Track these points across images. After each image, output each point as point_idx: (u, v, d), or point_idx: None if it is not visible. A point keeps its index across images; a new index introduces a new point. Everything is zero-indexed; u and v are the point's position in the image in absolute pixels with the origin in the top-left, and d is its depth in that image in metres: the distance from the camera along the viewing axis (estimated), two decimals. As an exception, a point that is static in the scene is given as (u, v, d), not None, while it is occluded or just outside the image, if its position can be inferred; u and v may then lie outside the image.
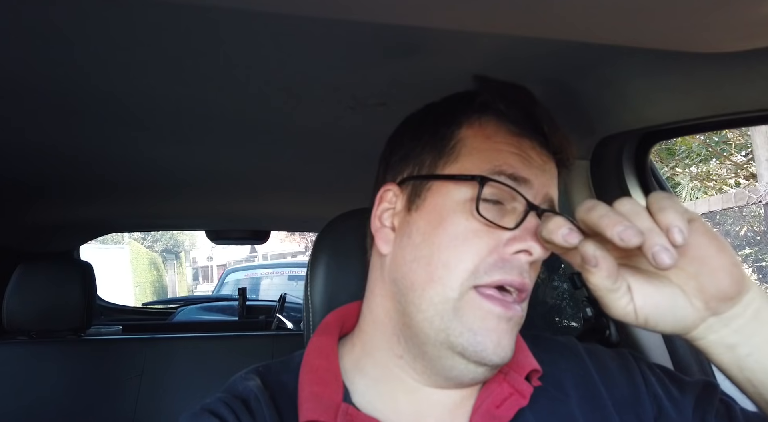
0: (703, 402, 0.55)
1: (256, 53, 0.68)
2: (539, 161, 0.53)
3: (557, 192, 0.55)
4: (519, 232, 0.49)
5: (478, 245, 0.49)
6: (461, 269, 0.49)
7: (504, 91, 0.55)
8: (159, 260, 15.81)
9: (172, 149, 1.16)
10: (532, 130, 0.53)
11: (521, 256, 0.49)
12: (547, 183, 0.53)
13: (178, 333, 2.05)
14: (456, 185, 0.51)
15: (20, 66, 0.71)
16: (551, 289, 1.95)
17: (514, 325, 0.50)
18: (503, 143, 0.52)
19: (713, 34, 0.53)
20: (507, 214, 0.51)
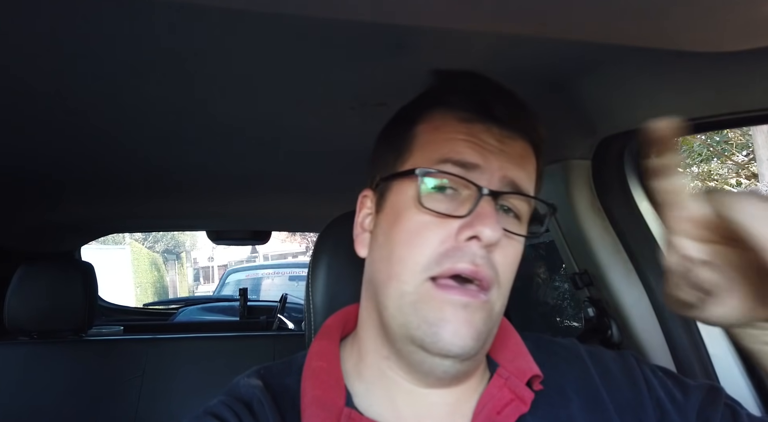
0: (707, 406, 0.54)
1: (257, 54, 0.68)
2: (495, 143, 0.51)
3: (529, 173, 0.53)
4: (469, 218, 0.48)
5: (429, 237, 0.49)
6: (413, 263, 0.49)
7: (455, 81, 0.54)
8: (160, 260, 15.82)
9: (174, 149, 1.16)
10: (484, 114, 0.52)
11: (472, 243, 0.47)
12: (507, 165, 0.51)
13: (179, 333, 2.05)
14: (408, 181, 0.51)
15: (22, 68, 0.71)
16: (552, 289, 1.94)
17: (474, 313, 0.47)
18: (452, 132, 0.52)
19: (715, 33, 0.53)
20: (463, 202, 0.50)
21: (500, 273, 0.49)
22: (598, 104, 0.80)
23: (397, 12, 0.50)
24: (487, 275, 0.47)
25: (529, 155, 0.53)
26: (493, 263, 0.48)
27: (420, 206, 0.49)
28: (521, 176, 0.51)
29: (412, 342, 0.49)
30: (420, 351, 0.49)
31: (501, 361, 0.56)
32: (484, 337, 0.49)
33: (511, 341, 0.58)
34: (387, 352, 0.53)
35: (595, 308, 0.95)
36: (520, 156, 0.52)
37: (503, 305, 0.51)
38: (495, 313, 0.50)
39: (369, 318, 0.55)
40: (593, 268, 0.93)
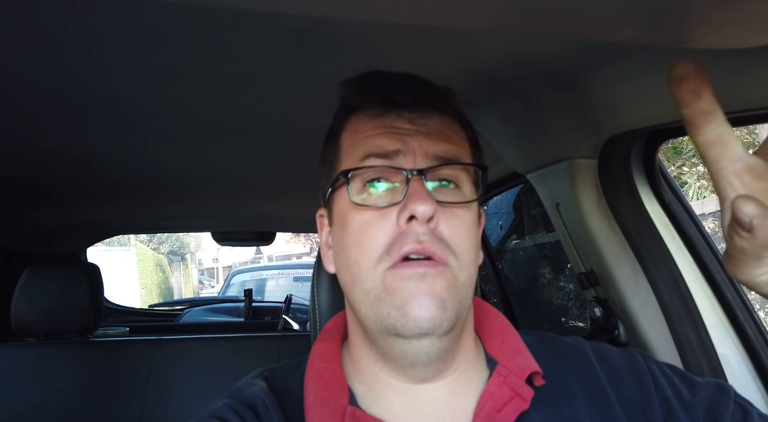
0: (716, 405, 0.54)
1: (262, 55, 0.68)
2: (410, 126, 0.52)
3: (455, 142, 0.53)
4: (404, 200, 0.49)
5: (373, 232, 0.50)
6: (367, 260, 0.50)
7: (360, 84, 0.55)
8: (165, 261, 15.88)
9: (179, 151, 1.16)
10: (392, 104, 0.53)
11: (413, 223, 0.49)
12: (427, 142, 0.52)
13: (184, 334, 2.06)
14: (342, 187, 0.54)
15: (27, 70, 0.71)
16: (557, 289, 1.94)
17: (433, 281, 0.48)
18: (368, 130, 0.53)
19: (723, 30, 0.52)
20: (397, 189, 0.51)
21: (453, 244, 0.49)
22: (603, 103, 0.80)
23: (403, 11, 0.50)
24: (435, 249, 0.48)
25: (450, 127, 0.54)
26: (440, 237, 0.49)
27: (356, 206, 0.51)
28: (446, 148, 0.52)
29: (388, 332, 0.50)
30: (398, 340, 0.50)
31: (500, 359, 0.56)
32: (453, 308, 0.49)
33: (510, 339, 0.58)
34: (375, 355, 0.54)
35: (601, 308, 0.95)
36: (439, 131, 0.53)
37: (469, 277, 0.51)
38: (460, 283, 0.50)
39: (353, 325, 0.57)
40: (600, 268, 0.93)
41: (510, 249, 2.00)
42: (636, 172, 0.90)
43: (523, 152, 1.00)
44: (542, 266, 1.92)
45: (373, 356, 0.54)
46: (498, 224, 1.93)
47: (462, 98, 0.90)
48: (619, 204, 0.90)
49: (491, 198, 1.73)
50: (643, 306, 0.89)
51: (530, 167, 1.00)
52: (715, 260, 0.90)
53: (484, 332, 0.59)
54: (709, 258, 0.90)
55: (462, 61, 0.73)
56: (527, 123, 0.91)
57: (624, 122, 0.81)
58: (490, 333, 0.59)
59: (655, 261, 0.89)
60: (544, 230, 1.78)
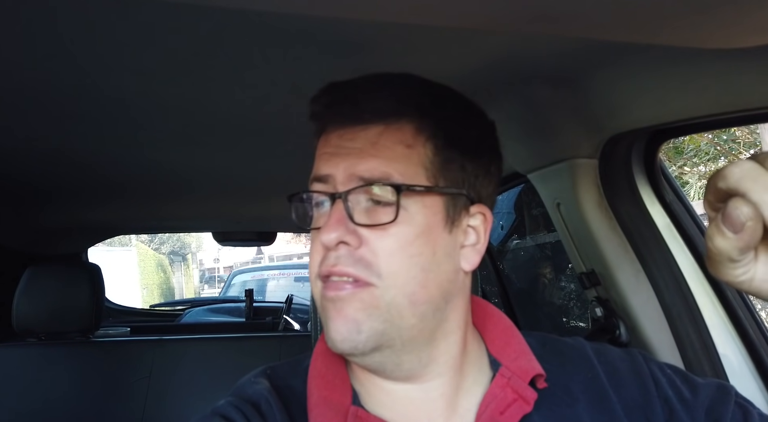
0: (717, 406, 0.54)
1: (263, 55, 0.68)
2: (345, 144, 0.51)
3: (385, 156, 0.50)
4: (326, 224, 0.50)
5: (313, 252, 0.52)
6: (312, 275, 0.52)
7: (314, 101, 0.54)
8: (166, 262, 15.89)
9: (180, 151, 1.17)
10: (333, 119, 0.52)
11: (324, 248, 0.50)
12: (353, 161, 0.50)
13: (186, 334, 2.06)
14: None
15: (28, 71, 0.71)
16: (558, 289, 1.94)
17: (345, 305, 0.48)
18: (319, 148, 0.53)
19: (724, 29, 0.52)
20: (327, 212, 0.51)
21: (377, 265, 0.48)
22: (604, 103, 0.79)
23: (404, 11, 0.50)
24: (347, 271, 0.48)
25: (386, 136, 0.51)
26: (360, 259, 0.48)
27: (312, 226, 0.53)
28: (372, 165, 0.50)
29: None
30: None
31: (503, 361, 0.55)
32: (372, 329, 0.48)
33: (513, 340, 0.57)
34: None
35: (603, 308, 0.95)
36: (371, 143, 0.50)
37: (405, 295, 0.49)
38: (386, 303, 0.48)
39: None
40: (601, 268, 0.93)
41: (511, 249, 2.00)
42: (637, 172, 0.90)
43: (523, 152, 0.99)
44: (543, 266, 1.92)
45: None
46: (499, 224, 1.93)
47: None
48: (620, 204, 0.90)
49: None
50: (644, 306, 0.89)
51: (531, 166, 1.00)
52: (717, 260, 0.89)
53: (487, 333, 0.59)
54: (711, 258, 0.89)
55: (462, 61, 0.73)
56: (528, 123, 0.91)
57: (625, 121, 0.81)
58: (494, 334, 0.58)
59: (656, 261, 0.89)
60: (545, 230, 1.78)
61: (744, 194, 0.35)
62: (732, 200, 0.36)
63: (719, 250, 0.37)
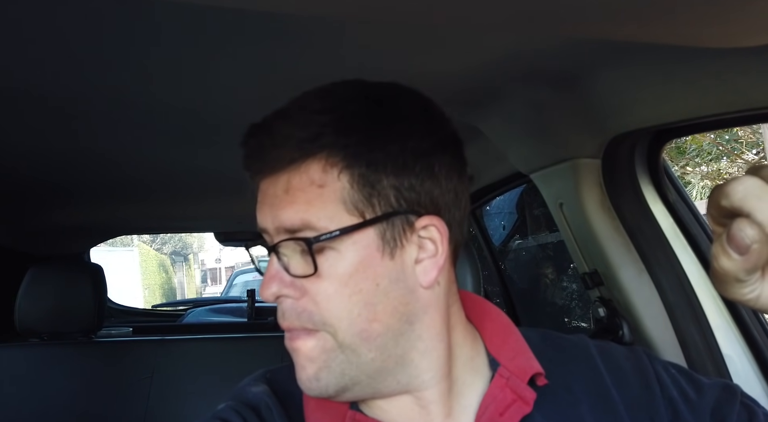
0: (722, 406, 0.53)
1: (264, 54, 0.68)
2: (266, 193, 0.50)
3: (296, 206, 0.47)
4: (263, 279, 0.49)
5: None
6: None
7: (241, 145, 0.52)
8: (168, 262, 15.92)
9: (182, 151, 1.17)
10: (250, 167, 0.51)
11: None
12: (275, 211, 0.48)
13: (188, 334, 2.06)
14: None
15: (29, 72, 0.71)
16: (561, 289, 1.93)
17: (298, 358, 0.49)
18: (257, 199, 0.52)
19: (729, 29, 0.52)
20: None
21: (318, 313, 0.47)
22: (607, 102, 0.79)
23: (405, 11, 0.50)
24: (294, 326, 0.48)
25: (295, 181, 0.48)
26: (303, 309, 0.48)
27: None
28: (288, 214, 0.47)
29: None
30: None
31: (501, 360, 0.54)
32: (331, 374, 0.48)
33: (512, 338, 0.57)
34: None
35: (605, 308, 0.95)
36: (285, 191, 0.48)
37: (356, 333, 0.47)
38: (340, 343, 0.47)
39: None
40: (604, 268, 0.93)
41: (513, 249, 2.00)
42: (640, 172, 0.90)
43: (526, 152, 0.99)
44: (545, 266, 1.92)
45: None
46: (501, 224, 1.92)
47: (464, 98, 0.91)
48: (623, 204, 0.90)
49: (494, 198, 1.72)
50: (647, 306, 0.89)
51: (533, 166, 1.00)
52: (720, 260, 0.89)
53: (485, 331, 0.58)
54: (714, 258, 0.89)
55: (464, 60, 0.72)
56: (530, 123, 0.91)
57: (628, 121, 0.81)
58: (491, 333, 0.58)
59: (659, 261, 0.88)
60: (548, 230, 1.78)
61: (748, 214, 0.34)
62: (736, 222, 0.35)
63: (725, 271, 0.36)
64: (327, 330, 0.47)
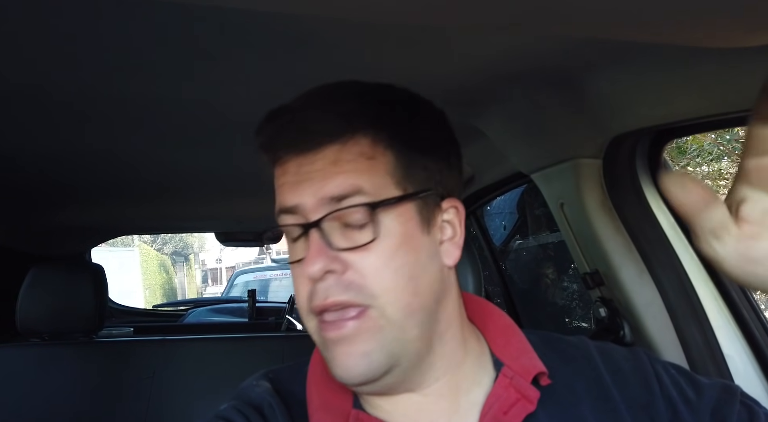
0: (722, 406, 0.53)
1: (265, 55, 0.68)
2: (306, 169, 0.49)
3: (347, 176, 0.49)
4: (307, 256, 0.48)
5: (297, 285, 0.50)
6: (302, 309, 0.50)
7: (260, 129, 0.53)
8: (168, 262, 15.93)
9: (183, 151, 1.17)
10: (285, 147, 0.51)
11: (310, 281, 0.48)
12: (318, 184, 0.48)
13: (189, 334, 2.06)
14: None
15: (31, 73, 0.71)
16: (561, 290, 1.93)
17: (351, 341, 0.47)
18: (278, 178, 0.52)
19: (728, 28, 0.52)
20: (303, 242, 0.50)
21: (368, 285, 0.47)
22: (608, 102, 0.79)
23: (405, 11, 0.50)
24: (341, 301, 0.47)
25: (345, 153, 0.49)
26: (350, 284, 0.47)
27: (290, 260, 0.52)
28: (339, 183, 0.48)
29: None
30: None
31: (505, 360, 0.55)
32: (382, 353, 0.48)
33: (515, 339, 0.57)
34: None
35: (606, 308, 0.94)
36: (332, 163, 0.49)
37: (403, 307, 0.48)
38: (387, 319, 0.48)
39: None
40: (605, 268, 0.93)
41: (514, 249, 2.00)
42: (641, 172, 0.90)
43: (527, 152, 0.99)
44: (546, 266, 1.92)
45: None
46: (502, 224, 1.92)
47: (465, 98, 0.91)
48: (624, 204, 0.90)
49: (495, 198, 1.72)
50: (648, 307, 0.89)
51: (534, 166, 1.00)
52: (721, 260, 0.89)
53: (488, 332, 0.59)
54: (715, 258, 0.89)
55: (465, 61, 0.72)
56: (531, 123, 0.91)
57: (629, 121, 0.81)
58: (494, 333, 0.58)
59: (660, 261, 0.88)
60: (548, 230, 1.77)
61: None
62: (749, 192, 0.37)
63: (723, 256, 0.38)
64: (375, 304, 0.47)
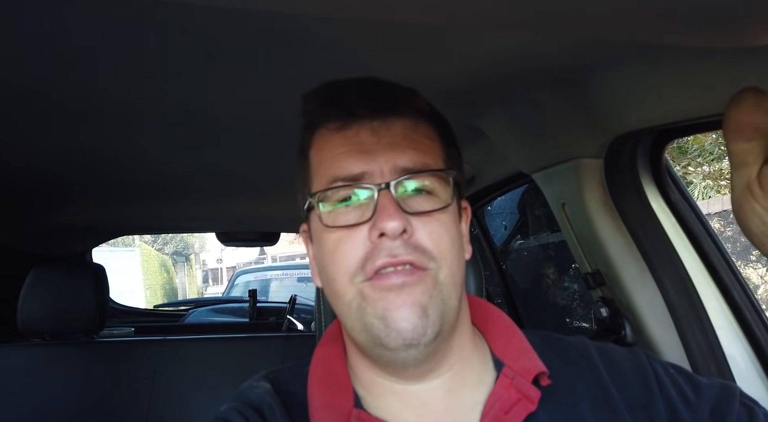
0: (721, 406, 0.54)
1: (266, 56, 0.68)
2: (372, 138, 0.51)
3: (422, 147, 0.52)
4: (374, 218, 0.49)
5: (345, 249, 0.50)
6: (342, 276, 0.51)
7: (317, 96, 0.54)
8: (169, 262, 15.93)
9: (184, 152, 1.17)
10: (350, 115, 0.52)
11: (384, 239, 0.49)
12: (391, 153, 0.51)
13: (189, 334, 2.06)
14: (315, 208, 0.54)
15: (34, 73, 0.71)
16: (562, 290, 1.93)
17: (413, 289, 0.48)
18: (332, 147, 0.53)
19: (729, 28, 0.52)
20: (367, 205, 0.51)
21: (430, 249, 0.50)
22: (609, 102, 0.79)
23: (407, 11, 0.50)
24: (411, 259, 0.49)
25: (415, 130, 0.53)
26: (416, 245, 0.49)
27: (327, 227, 0.52)
28: (412, 157, 0.51)
29: (375, 343, 0.50)
30: (386, 351, 0.50)
31: (506, 360, 0.56)
32: (436, 311, 0.49)
33: (515, 339, 0.58)
34: (369, 361, 0.54)
35: (608, 308, 0.94)
36: (403, 136, 0.52)
37: (452, 276, 0.51)
38: (440, 282, 0.50)
39: (346, 335, 0.58)
40: (606, 268, 0.92)
41: (515, 250, 1.99)
42: (642, 171, 0.90)
43: (528, 152, 0.99)
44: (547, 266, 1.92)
45: (367, 362, 0.54)
46: (503, 224, 1.92)
47: (466, 98, 0.91)
48: (626, 204, 0.90)
49: (496, 198, 1.72)
50: (649, 306, 0.89)
51: (536, 167, 1.00)
52: (723, 259, 0.89)
53: (488, 332, 0.59)
54: (717, 258, 0.89)
55: (466, 61, 0.72)
56: (533, 123, 0.91)
57: (630, 121, 0.81)
58: (495, 334, 0.59)
59: (661, 261, 0.88)
60: (549, 231, 1.77)
61: None
62: None
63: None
64: (432, 268, 0.49)
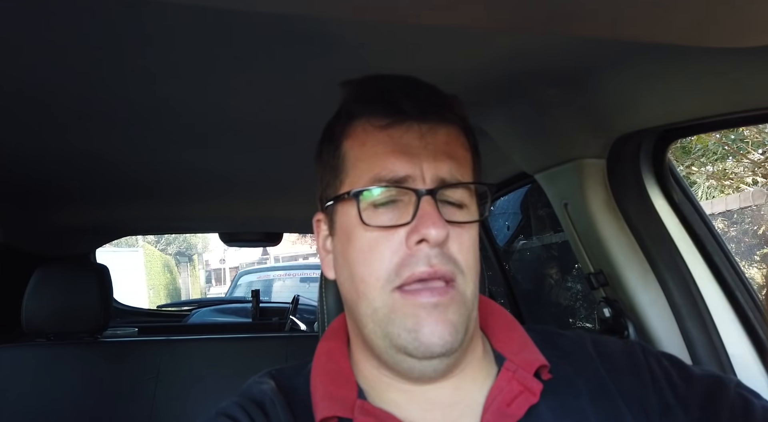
0: (713, 397, 0.54)
1: (268, 56, 0.69)
2: (418, 142, 0.51)
3: (459, 158, 0.52)
4: (414, 223, 0.49)
5: (381, 251, 0.50)
6: (374, 279, 0.50)
7: (364, 89, 0.54)
8: (172, 262, 15.96)
9: (188, 153, 1.17)
10: (399, 115, 0.51)
11: (423, 246, 0.49)
12: (435, 161, 0.51)
13: (193, 334, 2.07)
14: (349, 202, 0.52)
15: (37, 73, 0.72)
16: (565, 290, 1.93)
17: (446, 309, 0.49)
18: (377, 144, 0.52)
19: (733, 28, 0.52)
20: (405, 208, 0.50)
21: (460, 261, 0.50)
22: (612, 102, 0.79)
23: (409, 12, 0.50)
24: (446, 271, 0.49)
25: (455, 140, 0.53)
26: (450, 256, 0.49)
27: (364, 225, 0.50)
28: (451, 166, 0.51)
29: (398, 350, 0.50)
30: (407, 358, 0.50)
31: (507, 355, 0.56)
32: (463, 328, 0.50)
33: (516, 334, 0.58)
34: (376, 362, 0.54)
35: (611, 308, 0.94)
36: (445, 144, 0.52)
37: (474, 289, 0.52)
38: (468, 300, 0.51)
39: (353, 333, 0.57)
40: (609, 268, 0.92)
41: (518, 250, 1.99)
42: (645, 172, 0.90)
43: (530, 152, 0.99)
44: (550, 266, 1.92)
45: (375, 363, 0.55)
46: (505, 225, 1.92)
47: (469, 98, 0.90)
48: (629, 204, 0.90)
49: (498, 198, 1.72)
50: (652, 307, 0.88)
51: (538, 167, 1.00)
52: (726, 260, 0.89)
53: (490, 329, 0.60)
54: (720, 258, 0.89)
55: (468, 61, 0.72)
56: (535, 123, 0.91)
57: (633, 121, 0.81)
58: (497, 330, 0.59)
59: (664, 261, 0.88)
60: (552, 231, 1.77)
61: None
62: None
63: None
64: (461, 281, 0.50)
